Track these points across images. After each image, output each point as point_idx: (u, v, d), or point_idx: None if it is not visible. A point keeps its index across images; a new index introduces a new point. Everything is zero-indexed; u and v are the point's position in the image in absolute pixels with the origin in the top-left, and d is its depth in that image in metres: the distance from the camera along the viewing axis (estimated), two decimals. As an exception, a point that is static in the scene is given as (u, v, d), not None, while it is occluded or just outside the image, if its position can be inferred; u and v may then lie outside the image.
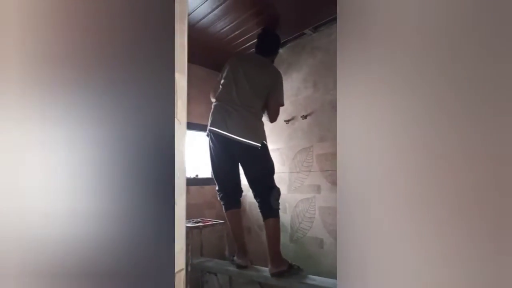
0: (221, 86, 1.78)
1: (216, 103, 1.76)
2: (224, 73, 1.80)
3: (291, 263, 1.60)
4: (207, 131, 1.76)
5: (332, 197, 1.95)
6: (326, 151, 2.00)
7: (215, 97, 1.80)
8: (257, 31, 1.97)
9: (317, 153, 2.05)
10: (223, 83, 1.77)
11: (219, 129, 1.68)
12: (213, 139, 1.73)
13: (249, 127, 1.68)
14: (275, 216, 1.65)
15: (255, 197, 1.72)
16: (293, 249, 2.14)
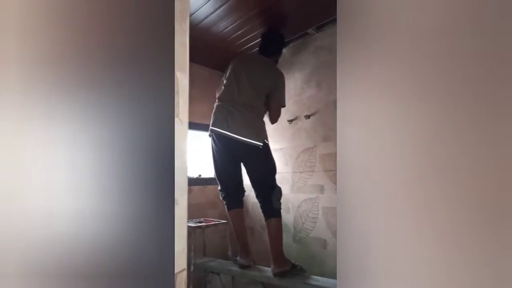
0: (223, 86, 1.79)
1: (218, 103, 1.77)
2: (226, 74, 1.82)
3: (294, 263, 1.60)
4: (209, 131, 1.77)
5: (335, 198, 1.94)
6: (329, 151, 1.99)
7: (217, 97, 1.81)
8: (260, 30, 1.97)
9: (321, 153, 2.04)
10: (225, 83, 1.78)
11: (220, 128, 1.68)
12: (215, 139, 1.74)
13: (250, 126, 1.67)
14: (277, 216, 1.64)
15: (256, 196, 1.71)
16: (296, 249, 2.13)
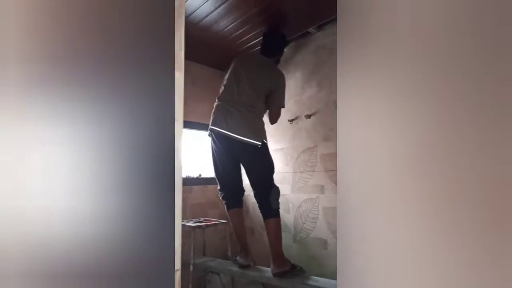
0: (223, 86, 1.80)
1: (218, 103, 1.78)
2: (227, 74, 1.83)
3: (294, 264, 1.59)
4: (208, 131, 1.76)
5: (336, 198, 1.93)
6: (330, 151, 1.98)
7: (217, 97, 1.81)
8: (261, 29, 1.96)
9: (321, 153, 2.03)
10: (225, 83, 1.79)
11: (219, 128, 1.68)
12: (214, 138, 1.74)
13: (249, 126, 1.67)
14: (276, 216, 1.64)
15: (255, 196, 1.71)
16: (296, 250, 2.12)
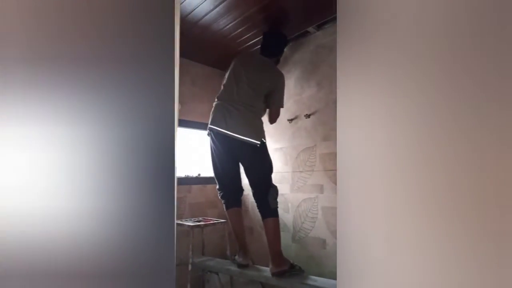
0: (222, 86, 1.81)
1: (217, 102, 1.78)
2: (227, 74, 1.83)
3: (292, 263, 1.59)
4: (207, 130, 1.76)
5: (335, 197, 1.92)
6: (329, 151, 1.97)
7: (216, 97, 1.81)
8: (261, 29, 1.95)
9: (321, 152, 2.02)
10: (225, 83, 1.80)
11: (218, 127, 1.68)
12: (213, 137, 1.74)
13: (248, 125, 1.67)
14: (274, 215, 1.63)
15: (253, 195, 1.71)
16: (295, 249, 2.12)
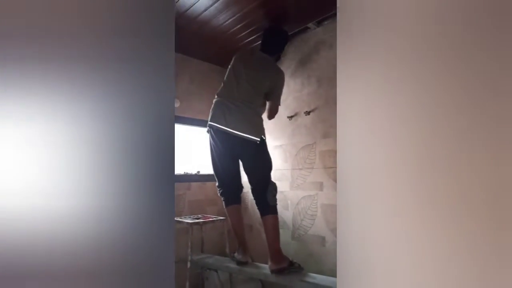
0: (223, 83, 1.81)
1: (217, 99, 1.77)
2: (227, 71, 1.83)
3: (291, 261, 1.58)
4: (207, 127, 1.75)
5: (335, 195, 1.92)
6: (329, 148, 1.97)
7: (216, 93, 1.80)
8: (261, 25, 1.94)
9: (320, 149, 2.02)
10: (225, 80, 1.80)
11: (218, 124, 1.67)
12: (213, 134, 1.73)
13: (248, 121, 1.67)
14: (273, 212, 1.63)
15: (252, 192, 1.70)
16: (295, 247, 2.11)
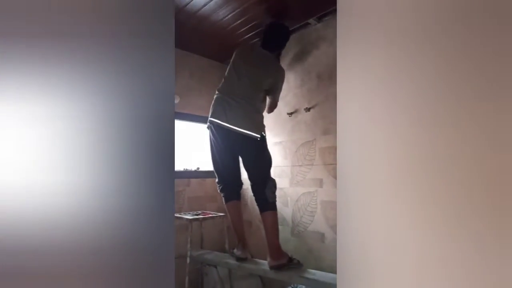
0: (223, 78, 1.81)
1: (217, 95, 1.77)
2: (228, 67, 1.83)
3: (291, 257, 1.58)
4: (207, 123, 1.75)
5: (334, 191, 1.92)
6: (329, 144, 1.96)
7: (217, 89, 1.80)
8: (262, 19, 1.93)
9: (320, 146, 2.01)
10: (226, 76, 1.80)
11: (218, 120, 1.67)
12: (213, 130, 1.72)
13: (248, 118, 1.67)
14: (272, 209, 1.63)
15: (252, 189, 1.70)
16: (294, 243, 2.12)
